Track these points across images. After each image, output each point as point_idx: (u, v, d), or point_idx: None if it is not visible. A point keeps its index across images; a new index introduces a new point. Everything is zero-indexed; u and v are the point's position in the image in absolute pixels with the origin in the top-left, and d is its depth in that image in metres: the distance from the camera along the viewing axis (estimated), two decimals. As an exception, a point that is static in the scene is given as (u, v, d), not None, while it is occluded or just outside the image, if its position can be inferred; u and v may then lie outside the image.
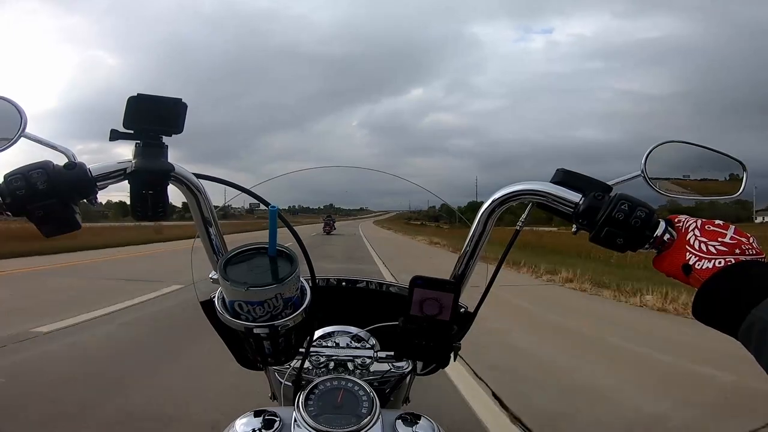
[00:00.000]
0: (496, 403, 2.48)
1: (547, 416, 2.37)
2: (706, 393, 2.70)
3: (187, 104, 0.52)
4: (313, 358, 0.66)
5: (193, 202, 0.57)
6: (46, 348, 3.32)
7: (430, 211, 12.31)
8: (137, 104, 0.50)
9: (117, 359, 3.16)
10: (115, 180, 0.52)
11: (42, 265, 8.18)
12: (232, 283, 0.48)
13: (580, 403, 2.55)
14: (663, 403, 2.56)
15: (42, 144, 0.52)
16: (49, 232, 0.49)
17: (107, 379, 2.70)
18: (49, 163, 0.49)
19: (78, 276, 7.23)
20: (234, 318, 0.50)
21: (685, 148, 0.56)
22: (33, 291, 5.76)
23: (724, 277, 0.45)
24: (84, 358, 3.18)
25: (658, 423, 2.34)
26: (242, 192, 0.59)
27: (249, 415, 0.55)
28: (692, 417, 2.40)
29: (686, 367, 3.16)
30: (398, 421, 0.54)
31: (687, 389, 2.75)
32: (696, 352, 3.34)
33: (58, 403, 2.31)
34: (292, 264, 0.50)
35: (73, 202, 0.50)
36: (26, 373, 2.80)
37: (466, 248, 0.61)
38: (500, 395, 2.57)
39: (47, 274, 7.38)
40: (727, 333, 0.44)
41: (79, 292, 5.64)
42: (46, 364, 2.98)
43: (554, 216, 0.56)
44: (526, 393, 2.64)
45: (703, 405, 2.54)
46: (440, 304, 0.56)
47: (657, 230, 0.51)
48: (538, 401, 2.54)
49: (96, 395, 2.43)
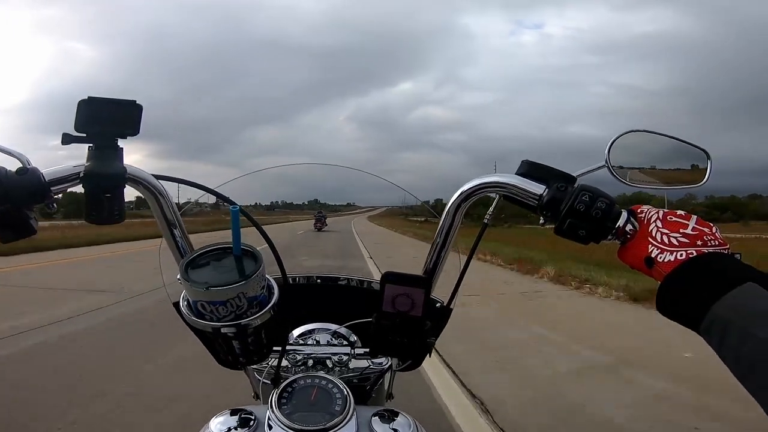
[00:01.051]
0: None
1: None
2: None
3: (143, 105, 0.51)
4: (291, 356, 0.66)
5: (153, 204, 0.56)
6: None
7: (424, 207, 12.28)
8: (88, 107, 0.49)
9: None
10: (70, 184, 0.51)
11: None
12: (192, 284, 0.48)
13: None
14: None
15: None
16: (5, 238, 0.49)
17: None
18: (1, 168, 0.48)
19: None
20: (198, 318, 0.50)
21: (649, 138, 0.55)
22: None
23: (685, 270, 0.44)
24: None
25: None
26: (206, 192, 0.58)
27: (225, 414, 0.55)
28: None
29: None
30: (375, 417, 0.54)
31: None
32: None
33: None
34: (257, 262, 0.50)
35: (27, 207, 0.49)
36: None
37: (435, 241, 0.61)
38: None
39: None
40: (690, 328, 0.44)
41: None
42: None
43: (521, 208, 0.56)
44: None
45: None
46: (412, 299, 0.56)
47: (618, 221, 0.50)
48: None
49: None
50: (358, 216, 5.82)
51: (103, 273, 7.64)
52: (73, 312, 4.44)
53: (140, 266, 7.06)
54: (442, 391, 2.70)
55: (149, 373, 2.92)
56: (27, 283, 6.34)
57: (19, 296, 5.42)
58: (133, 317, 4.38)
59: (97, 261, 9.51)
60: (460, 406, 2.53)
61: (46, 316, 4.24)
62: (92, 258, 9.96)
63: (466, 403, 2.56)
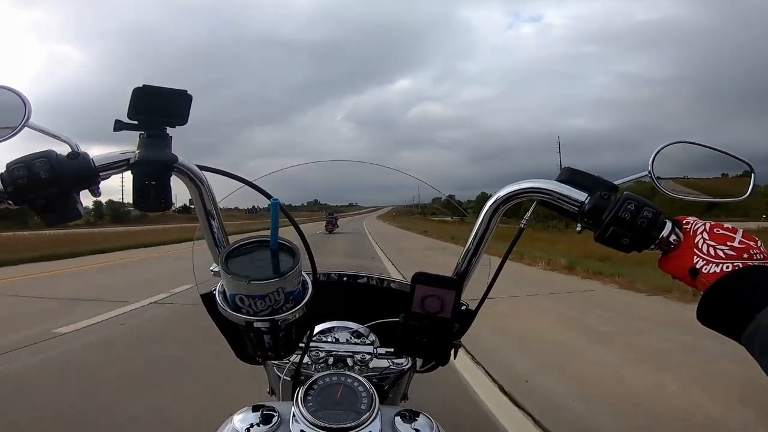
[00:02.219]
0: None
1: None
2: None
3: (192, 96, 0.52)
4: (312, 353, 0.66)
5: (195, 194, 0.57)
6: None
7: (436, 203, 12.18)
8: (141, 95, 0.50)
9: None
10: (118, 170, 0.52)
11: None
12: (233, 276, 0.48)
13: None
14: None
15: (45, 134, 0.52)
16: (50, 221, 0.49)
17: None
18: (52, 152, 0.49)
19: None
20: (235, 312, 0.50)
21: (692, 149, 0.56)
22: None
23: (730, 281, 0.45)
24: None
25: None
26: (245, 184, 0.58)
27: (247, 410, 0.55)
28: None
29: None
30: (397, 417, 0.54)
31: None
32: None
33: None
34: (294, 257, 0.50)
35: (75, 191, 0.50)
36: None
37: (469, 245, 0.61)
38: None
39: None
40: (731, 337, 0.44)
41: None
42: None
43: (559, 214, 0.56)
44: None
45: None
46: (442, 301, 0.56)
47: (663, 231, 0.50)
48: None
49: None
50: (366, 216, 5.66)
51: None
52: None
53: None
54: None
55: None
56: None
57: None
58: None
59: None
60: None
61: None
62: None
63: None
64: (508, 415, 2.34)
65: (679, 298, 4.80)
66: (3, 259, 9.38)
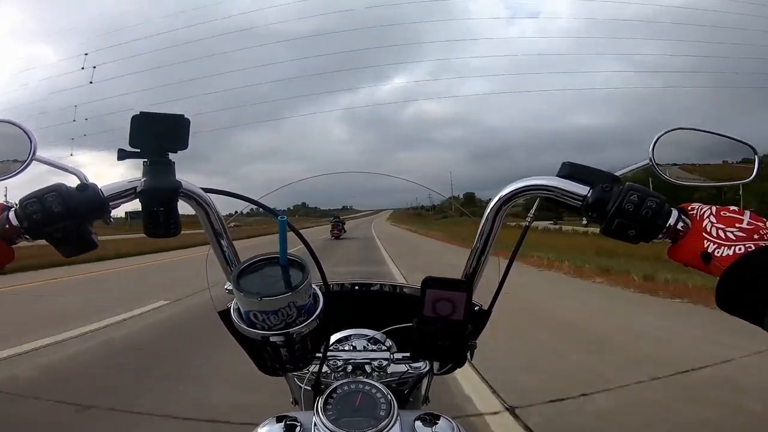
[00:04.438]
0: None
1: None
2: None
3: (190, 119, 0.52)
4: (330, 362, 0.66)
5: (203, 216, 0.58)
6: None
7: (447, 203, 12.11)
8: (140, 122, 0.51)
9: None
10: (127, 199, 0.53)
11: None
12: (245, 294, 0.49)
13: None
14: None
15: (53, 166, 0.53)
16: (68, 253, 0.51)
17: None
18: (62, 185, 0.50)
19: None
20: (250, 327, 0.51)
21: (692, 135, 0.55)
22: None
23: (745, 264, 0.44)
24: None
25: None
26: (250, 203, 0.59)
27: (271, 421, 0.56)
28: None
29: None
30: (417, 422, 0.54)
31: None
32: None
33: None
34: (303, 272, 0.51)
35: (88, 222, 0.51)
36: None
37: (476, 245, 0.61)
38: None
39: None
40: (751, 322, 0.43)
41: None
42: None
43: (563, 209, 0.56)
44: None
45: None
46: (453, 304, 0.56)
47: (670, 219, 0.50)
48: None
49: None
50: (363, 220, 5.64)
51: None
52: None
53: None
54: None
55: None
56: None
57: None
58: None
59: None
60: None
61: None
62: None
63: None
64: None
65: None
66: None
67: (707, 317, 3.86)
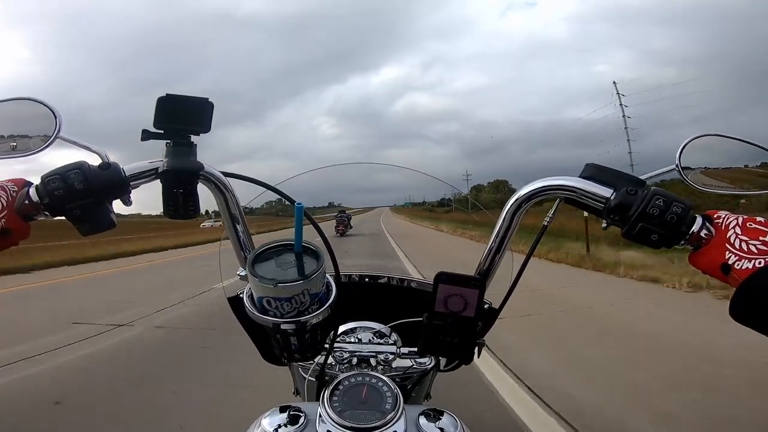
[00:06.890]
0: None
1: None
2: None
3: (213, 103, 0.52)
4: (336, 353, 0.67)
5: (221, 200, 0.58)
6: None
7: (467, 199, 12.20)
8: (165, 104, 0.51)
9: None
10: (147, 179, 0.53)
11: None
12: (260, 280, 0.49)
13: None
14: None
15: (76, 145, 0.53)
16: (86, 231, 0.51)
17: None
18: (84, 163, 0.51)
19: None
20: (262, 314, 0.51)
21: (720, 141, 0.54)
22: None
23: (763, 277, 0.44)
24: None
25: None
26: (268, 189, 0.59)
27: (274, 411, 0.56)
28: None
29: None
30: (421, 416, 0.54)
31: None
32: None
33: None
34: (318, 260, 0.51)
35: (108, 201, 0.51)
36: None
37: (491, 244, 0.60)
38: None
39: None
40: (765, 334, 0.44)
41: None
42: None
43: (584, 211, 0.55)
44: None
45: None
46: (465, 300, 0.56)
47: (693, 226, 0.49)
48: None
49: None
50: (360, 217, 5.60)
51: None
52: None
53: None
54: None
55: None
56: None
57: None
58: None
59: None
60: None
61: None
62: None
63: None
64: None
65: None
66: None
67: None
